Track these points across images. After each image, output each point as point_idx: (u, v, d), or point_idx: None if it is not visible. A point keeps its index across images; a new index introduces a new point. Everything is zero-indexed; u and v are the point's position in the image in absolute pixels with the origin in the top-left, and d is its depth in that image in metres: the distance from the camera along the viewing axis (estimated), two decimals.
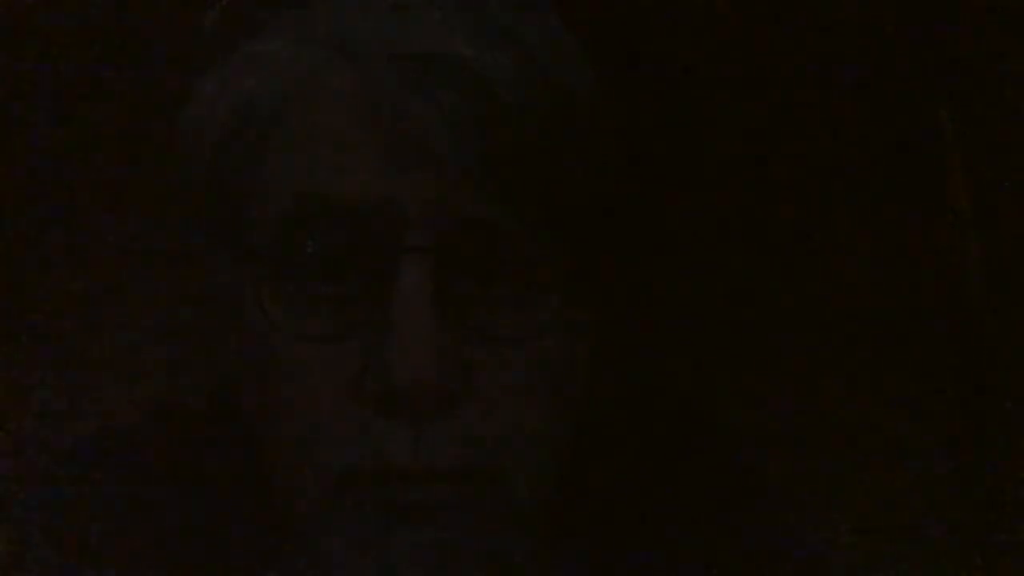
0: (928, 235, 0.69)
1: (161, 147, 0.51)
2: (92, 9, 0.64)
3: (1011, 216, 0.68)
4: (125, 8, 0.64)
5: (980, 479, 0.67)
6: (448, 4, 0.42)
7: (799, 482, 0.63)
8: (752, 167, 0.70)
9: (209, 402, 0.51)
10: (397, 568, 0.41)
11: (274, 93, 0.43)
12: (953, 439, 0.68)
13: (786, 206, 0.70)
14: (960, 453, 0.68)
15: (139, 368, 0.62)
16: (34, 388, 0.62)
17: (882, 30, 0.70)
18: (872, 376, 0.68)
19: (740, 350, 0.68)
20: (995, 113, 0.68)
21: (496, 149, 0.40)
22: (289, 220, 0.42)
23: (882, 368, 0.69)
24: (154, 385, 0.62)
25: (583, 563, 0.49)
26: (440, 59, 0.40)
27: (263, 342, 0.43)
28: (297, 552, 0.45)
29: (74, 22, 0.64)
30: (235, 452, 0.47)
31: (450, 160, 0.40)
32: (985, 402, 0.68)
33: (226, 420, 0.48)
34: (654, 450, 0.52)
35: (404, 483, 0.41)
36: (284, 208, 0.42)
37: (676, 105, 0.67)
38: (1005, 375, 0.68)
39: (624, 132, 0.46)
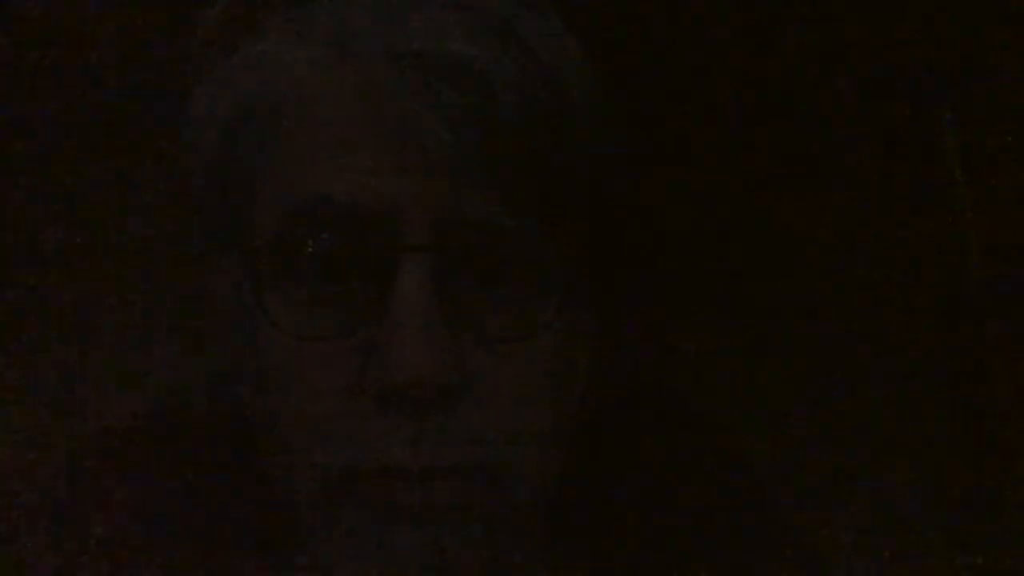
0: (928, 234, 0.69)
1: (161, 147, 0.51)
2: (92, 9, 0.64)
3: (1011, 216, 0.68)
4: (125, 8, 0.64)
5: (980, 479, 0.68)
6: (448, 3, 0.42)
7: (799, 482, 0.63)
8: (752, 167, 0.70)
9: (209, 402, 0.51)
10: (397, 567, 0.41)
11: (274, 93, 0.43)
12: (953, 439, 0.68)
13: (786, 205, 0.70)
14: (960, 453, 0.68)
15: (139, 368, 0.62)
16: (34, 388, 0.62)
17: (882, 30, 0.70)
18: (872, 376, 0.68)
19: (740, 350, 0.68)
20: (995, 113, 0.68)
21: (496, 148, 0.40)
22: (289, 220, 0.42)
23: (882, 368, 0.69)
24: (154, 385, 0.61)
25: (583, 563, 0.49)
26: (440, 58, 0.40)
27: (263, 342, 0.43)
28: (297, 551, 0.45)
29: (74, 22, 0.64)
30: (235, 452, 0.47)
31: (450, 159, 0.40)
32: (984, 402, 0.68)
33: (226, 420, 0.48)
34: (654, 450, 0.52)
35: (404, 482, 0.41)
36: (284, 208, 0.42)
37: (676, 105, 0.67)
38: (1005, 375, 0.68)
39: (624, 132, 0.46)
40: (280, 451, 0.43)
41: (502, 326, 0.42)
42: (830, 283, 0.69)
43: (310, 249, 0.42)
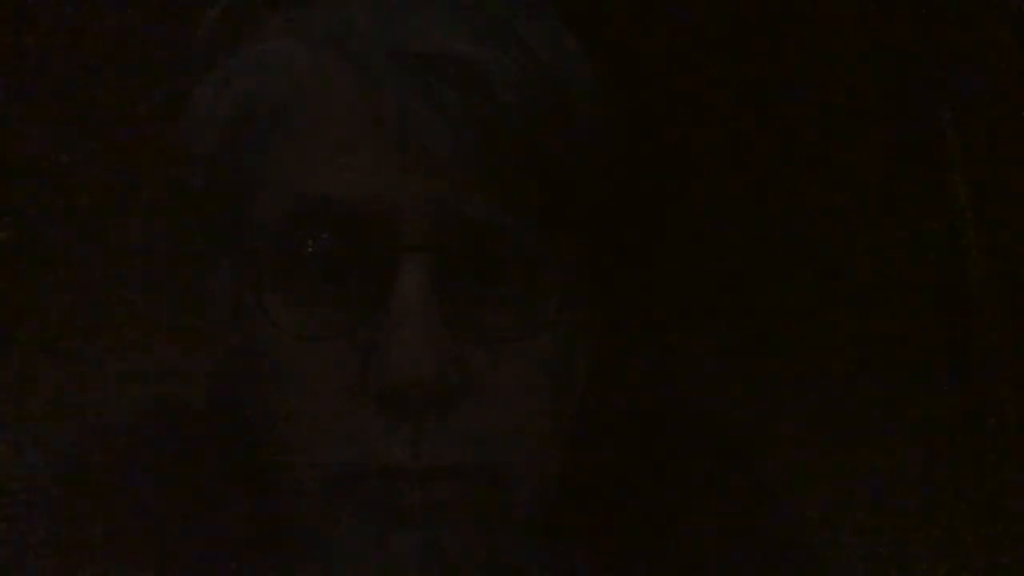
0: (928, 234, 0.69)
1: (161, 148, 0.51)
2: (92, 9, 0.64)
3: (1011, 216, 0.68)
4: (125, 8, 0.64)
5: (979, 479, 0.68)
6: (448, 3, 0.42)
7: (799, 482, 0.63)
8: (752, 167, 0.70)
9: (209, 402, 0.51)
10: (397, 568, 0.41)
11: (274, 93, 0.43)
12: (952, 439, 0.68)
13: (786, 206, 0.70)
14: (959, 453, 0.68)
15: (139, 368, 0.62)
16: (34, 388, 0.62)
17: (882, 30, 0.70)
18: (872, 376, 0.68)
19: (740, 350, 0.68)
20: (995, 113, 0.68)
21: (496, 149, 0.40)
22: (289, 220, 0.42)
23: (882, 368, 0.69)
24: (154, 385, 0.61)
25: (583, 563, 0.49)
26: (441, 58, 0.40)
27: (263, 342, 0.43)
28: (297, 552, 0.45)
29: (74, 22, 0.64)
30: (235, 452, 0.47)
31: (450, 160, 0.40)
32: (984, 402, 0.68)
33: (226, 420, 0.48)
34: (654, 450, 0.52)
35: (404, 483, 0.41)
36: (284, 208, 0.42)
37: (676, 105, 0.67)
38: (1005, 375, 0.68)
39: (624, 132, 0.46)
40: (280, 451, 0.43)
41: (502, 326, 0.42)
42: (830, 283, 0.69)
43: (310, 249, 0.42)
